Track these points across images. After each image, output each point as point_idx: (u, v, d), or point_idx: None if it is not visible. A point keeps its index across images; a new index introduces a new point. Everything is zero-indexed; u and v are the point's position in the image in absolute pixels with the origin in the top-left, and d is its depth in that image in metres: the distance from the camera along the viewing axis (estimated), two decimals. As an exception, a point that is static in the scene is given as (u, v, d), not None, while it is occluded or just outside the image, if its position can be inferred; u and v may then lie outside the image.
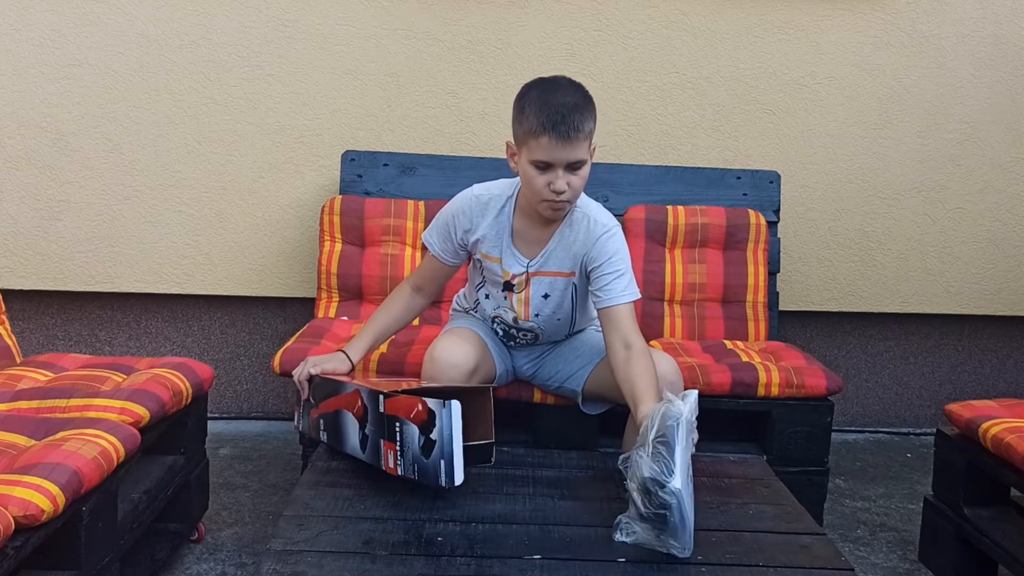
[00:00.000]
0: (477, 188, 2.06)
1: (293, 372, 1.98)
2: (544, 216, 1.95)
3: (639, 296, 1.99)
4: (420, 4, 2.97)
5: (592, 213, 1.99)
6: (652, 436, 1.43)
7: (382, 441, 1.60)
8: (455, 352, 1.99)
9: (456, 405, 1.48)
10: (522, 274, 2.03)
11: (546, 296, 2.05)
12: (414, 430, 1.53)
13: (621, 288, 1.94)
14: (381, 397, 1.61)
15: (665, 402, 1.48)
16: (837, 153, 3.14)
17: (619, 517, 1.47)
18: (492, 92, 3.02)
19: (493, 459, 1.68)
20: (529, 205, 1.96)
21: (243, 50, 2.94)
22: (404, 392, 1.60)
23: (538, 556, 1.41)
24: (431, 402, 1.50)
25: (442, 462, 1.49)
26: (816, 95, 3.10)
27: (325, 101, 2.98)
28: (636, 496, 1.42)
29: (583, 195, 2.02)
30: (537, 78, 1.93)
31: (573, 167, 1.86)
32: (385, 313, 2.10)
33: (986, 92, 3.14)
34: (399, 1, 2.96)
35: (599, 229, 1.96)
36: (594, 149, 1.93)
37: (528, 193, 1.94)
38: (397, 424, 1.57)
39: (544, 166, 1.86)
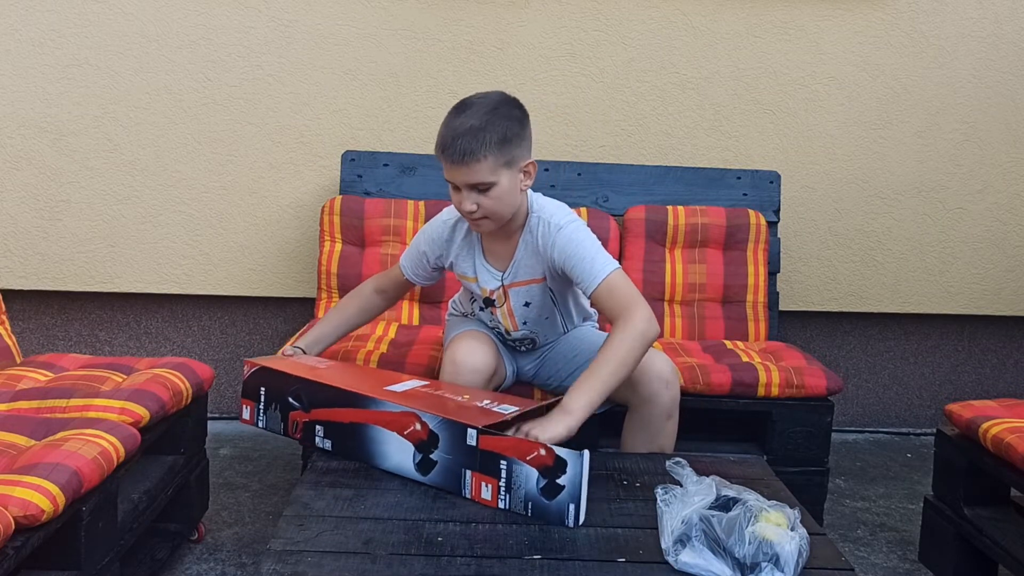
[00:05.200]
0: (445, 212, 2.09)
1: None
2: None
3: (616, 265, 1.91)
4: (420, 4, 2.96)
5: (545, 215, 1.98)
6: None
7: (469, 472, 1.62)
8: (476, 357, 2.00)
9: (587, 454, 1.53)
10: (498, 288, 2.04)
11: (527, 304, 2.06)
12: (530, 472, 1.56)
13: (589, 271, 1.90)
14: (474, 432, 1.61)
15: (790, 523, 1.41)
16: (837, 153, 3.14)
17: (675, 533, 1.40)
18: (492, 92, 3.01)
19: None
20: None
21: (243, 50, 2.94)
22: (495, 431, 1.61)
23: (538, 556, 1.41)
24: (561, 451, 1.53)
25: (571, 505, 1.52)
26: (816, 95, 3.10)
27: (325, 101, 2.98)
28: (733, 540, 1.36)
29: (538, 196, 2.01)
30: (465, 97, 1.92)
31: (480, 188, 1.85)
32: (338, 314, 2.17)
33: (986, 92, 3.14)
34: (399, 1, 2.96)
35: (552, 230, 1.95)
36: (526, 167, 1.90)
37: None
38: (503, 462, 1.58)
39: (453, 185, 1.88)
